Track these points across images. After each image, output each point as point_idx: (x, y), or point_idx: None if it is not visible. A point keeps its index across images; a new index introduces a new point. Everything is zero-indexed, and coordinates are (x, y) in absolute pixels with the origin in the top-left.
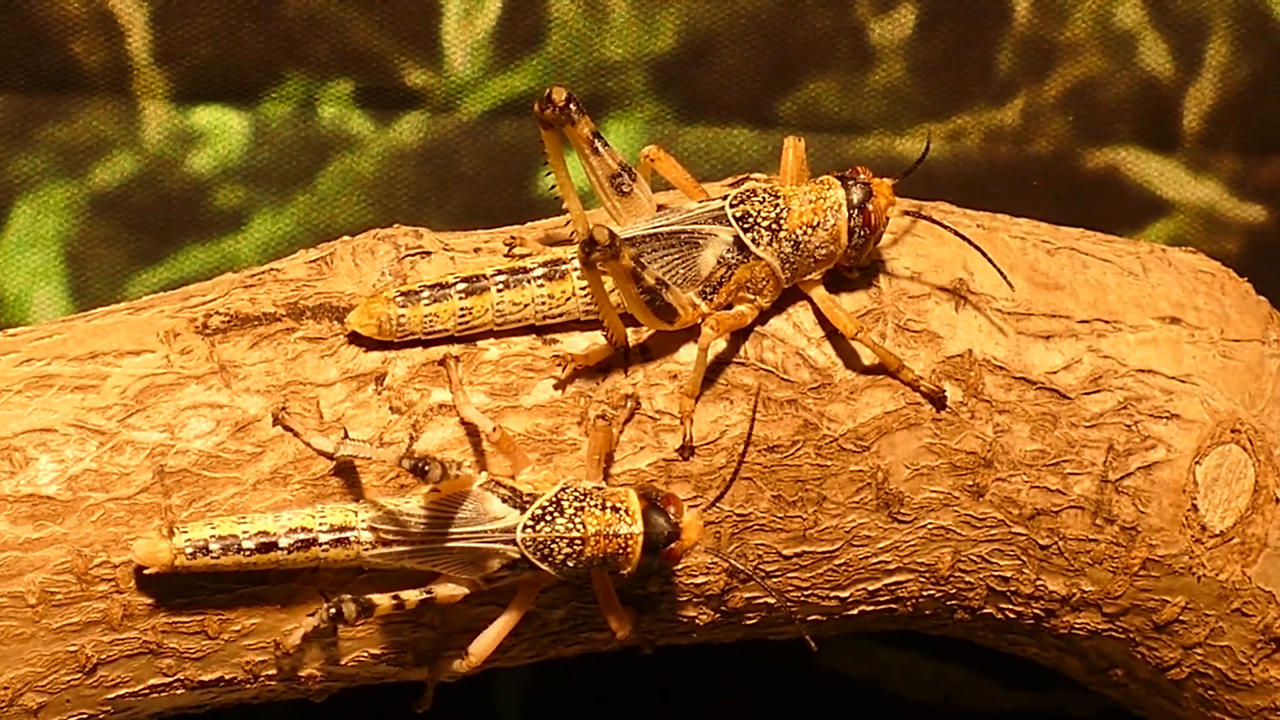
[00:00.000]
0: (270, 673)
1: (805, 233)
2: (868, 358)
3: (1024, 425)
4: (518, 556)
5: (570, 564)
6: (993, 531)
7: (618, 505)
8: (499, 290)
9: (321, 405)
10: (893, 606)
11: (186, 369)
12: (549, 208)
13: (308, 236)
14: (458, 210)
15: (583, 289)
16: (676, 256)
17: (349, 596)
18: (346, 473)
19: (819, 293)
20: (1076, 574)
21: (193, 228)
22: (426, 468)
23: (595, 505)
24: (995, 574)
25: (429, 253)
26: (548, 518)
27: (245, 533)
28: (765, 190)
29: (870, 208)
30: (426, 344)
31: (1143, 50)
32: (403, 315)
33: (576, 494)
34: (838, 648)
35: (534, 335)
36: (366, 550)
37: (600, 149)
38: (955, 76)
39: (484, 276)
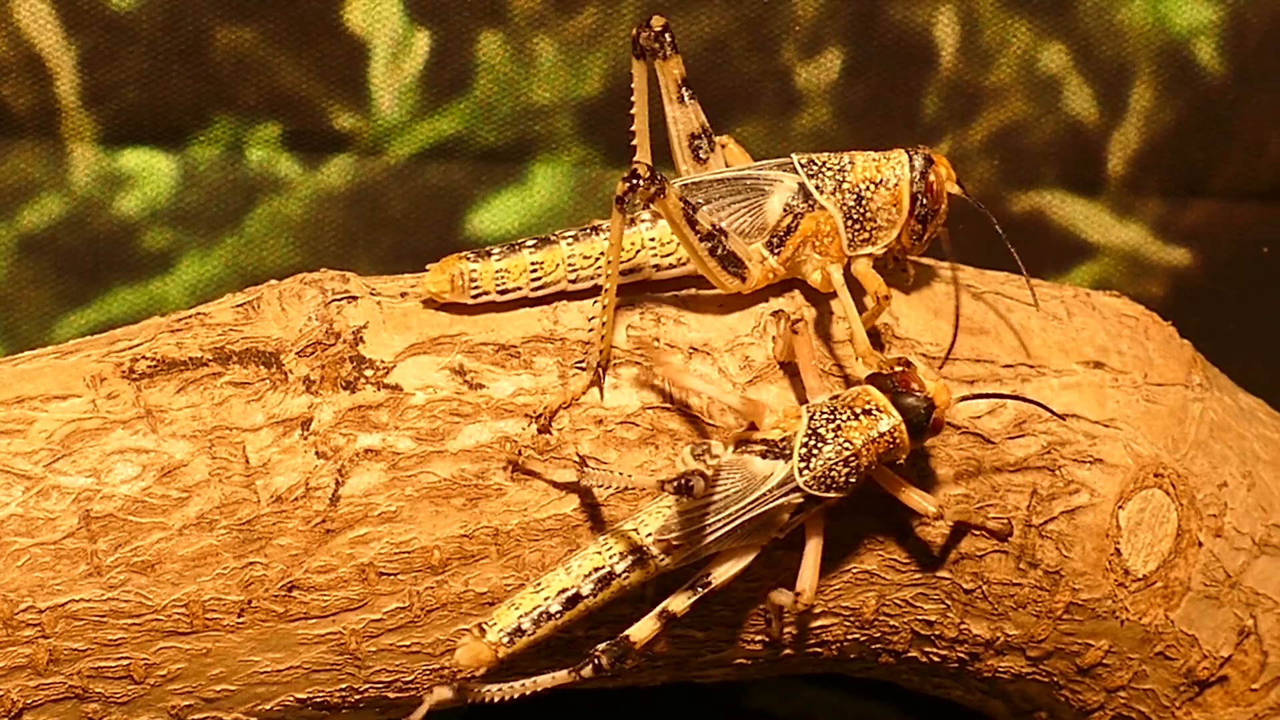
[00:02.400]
0: (197, 717)
1: (869, 189)
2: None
3: (948, 469)
4: (803, 500)
5: (853, 480)
6: (916, 576)
7: (868, 407)
8: (568, 244)
9: (247, 450)
10: (818, 650)
11: (113, 414)
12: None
13: (236, 278)
14: (386, 252)
15: (651, 240)
16: (743, 203)
17: (605, 645)
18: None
19: (860, 266)
20: (1000, 618)
21: (121, 270)
22: (691, 483)
23: (848, 418)
24: (919, 618)
25: (355, 297)
26: (815, 451)
27: (546, 598)
28: (830, 153)
29: (932, 177)
30: (502, 308)
31: (1067, 95)
32: (475, 270)
33: (825, 415)
34: (765, 688)
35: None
36: (661, 562)
37: (686, 99)
38: (881, 120)
39: (554, 234)
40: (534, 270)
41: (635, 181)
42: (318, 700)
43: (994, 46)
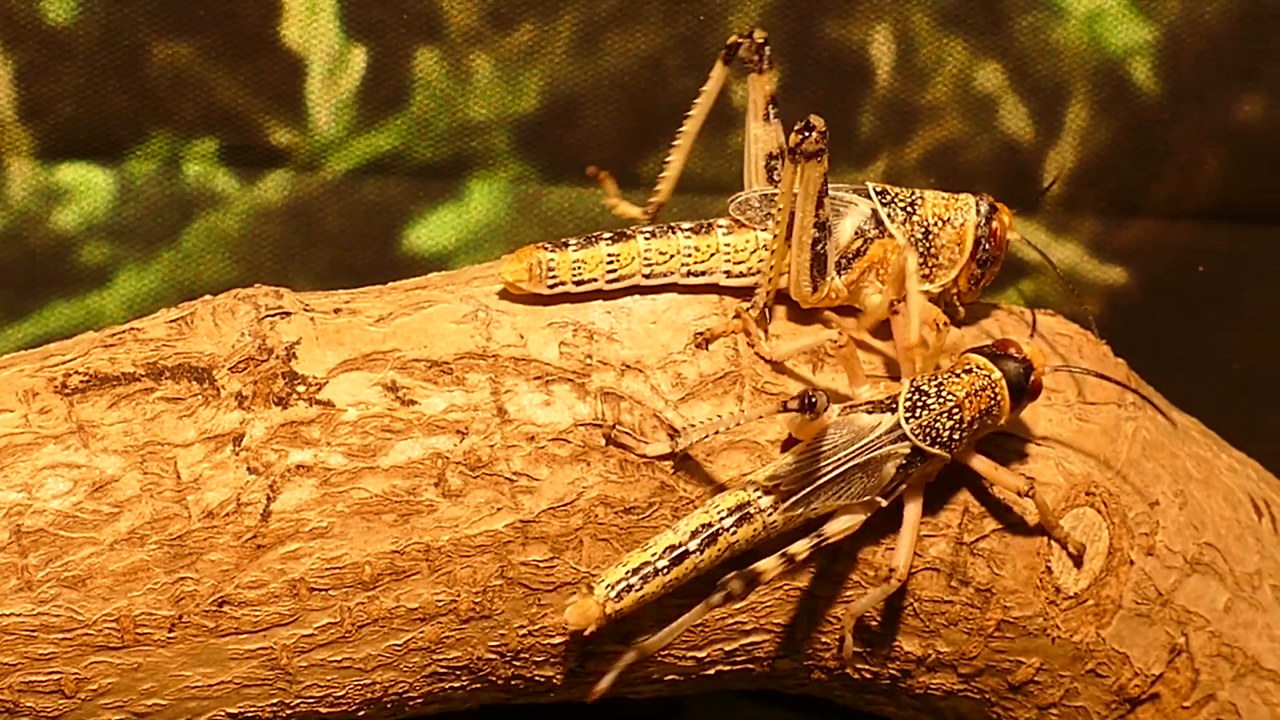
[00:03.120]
0: None
1: (936, 224)
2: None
3: None
4: (909, 451)
5: (956, 436)
6: (848, 593)
7: (968, 368)
8: (645, 239)
9: (179, 465)
10: (750, 666)
11: (45, 429)
12: (415, 266)
13: (173, 293)
14: (323, 268)
15: (727, 245)
16: None
17: (734, 574)
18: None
19: (918, 299)
20: (932, 635)
21: (58, 284)
22: (814, 399)
23: (950, 376)
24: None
25: (289, 313)
26: (920, 405)
27: (654, 555)
28: (902, 188)
29: (996, 224)
30: (576, 299)
31: (1003, 114)
32: (552, 259)
33: (929, 379)
34: (702, 703)
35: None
36: (769, 516)
37: (772, 117)
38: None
39: (631, 228)
40: (610, 262)
41: (809, 132)
42: (249, 715)
43: (930, 65)
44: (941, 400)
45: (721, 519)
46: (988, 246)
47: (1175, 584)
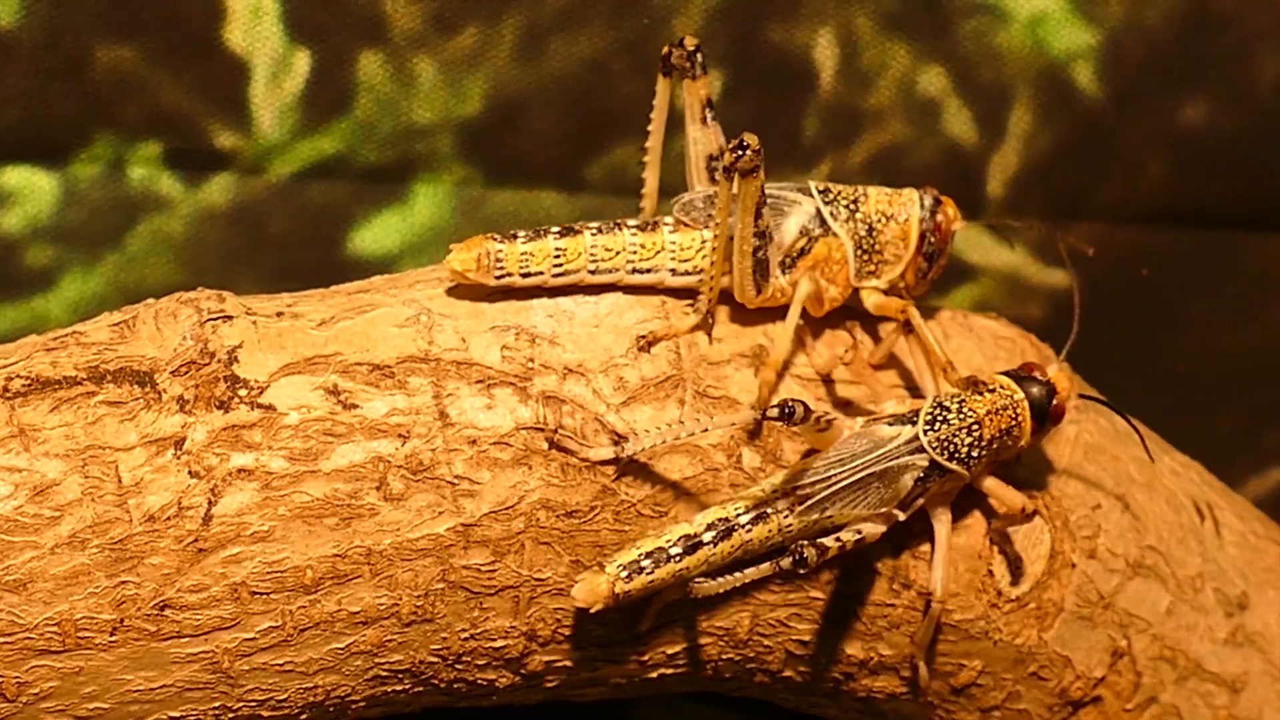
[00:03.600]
0: None
1: (880, 220)
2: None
3: None
4: (927, 464)
5: (974, 454)
6: (791, 596)
7: (992, 387)
8: (592, 235)
9: (120, 469)
10: (693, 669)
11: None
12: (360, 269)
13: (118, 296)
14: (268, 271)
15: (672, 243)
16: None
17: (806, 542)
18: None
19: (874, 299)
20: (874, 638)
21: (2, 287)
22: (792, 408)
23: (972, 394)
24: (793, 638)
25: (231, 316)
26: (940, 419)
27: (669, 541)
28: (844, 185)
29: (940, 217)
30: (520, 294)
31: (947, 118)
32: (500, 250)
33: (951, 396)
34: (648, 704)
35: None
36: (785, 519)
37: (709, 120)
38: (761, 142)
39: (579, 224)
40: (557, 256)
41: (743, 150)
42: (191, 718)
43: (873, 69)
44: (961, 416)
45: (739, 515)
46: (933, 240)
47: (1117, 587)
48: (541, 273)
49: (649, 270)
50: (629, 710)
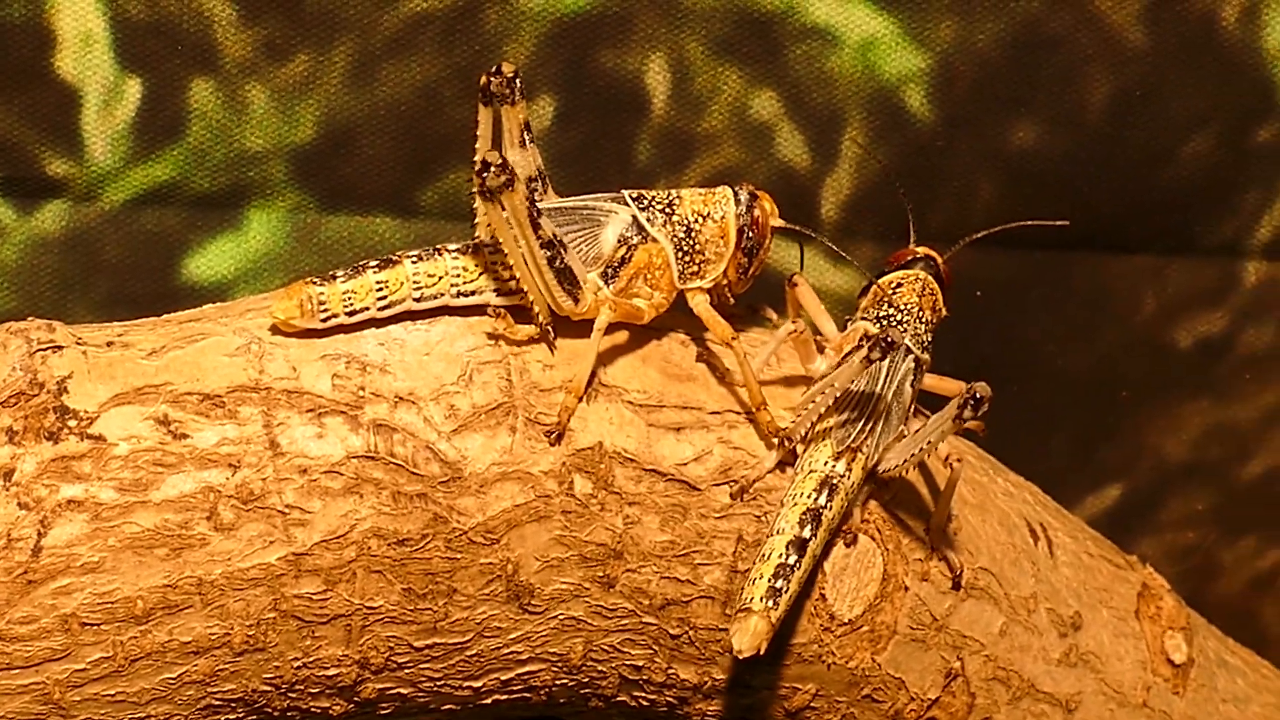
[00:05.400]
0: None
1: (697, 221)
2: (735, 370)
3: (654, 517)
4: (914, 364)
5: (929, 337)
6: (624, 621)
7: (899, 281)
8: (413, 263)
9: None
10: (527, 695)
11: None
12: (195, 295)
13: None
14: (102, 298)
15: (494, 263)
16: (580, 233)
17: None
18: None
19: (700, 301)
20: (708, 662)
21: None
22: (890, 339)
23: (898, 292)
24: (627, 663)
25: (61, 346)
26: (898, 323)
27: (780, 555)
28: (658, 190)
29: (757, 211)
30: (349, 329)
31: (779, 141)
32: (322, 293)
33: (878, 307)
34: None
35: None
36: (846, 480)
37: (528, 143)
38: (595, 167)
39: (397, 254)
40: (379, 289)
41: (486, 170)
42: None
43: (705, 94)
44: (909, 311)
45: (815, 499)
46: (751, 235)
47: (950, 609)
48: (367, 308)
49: (474, 292)
50: None
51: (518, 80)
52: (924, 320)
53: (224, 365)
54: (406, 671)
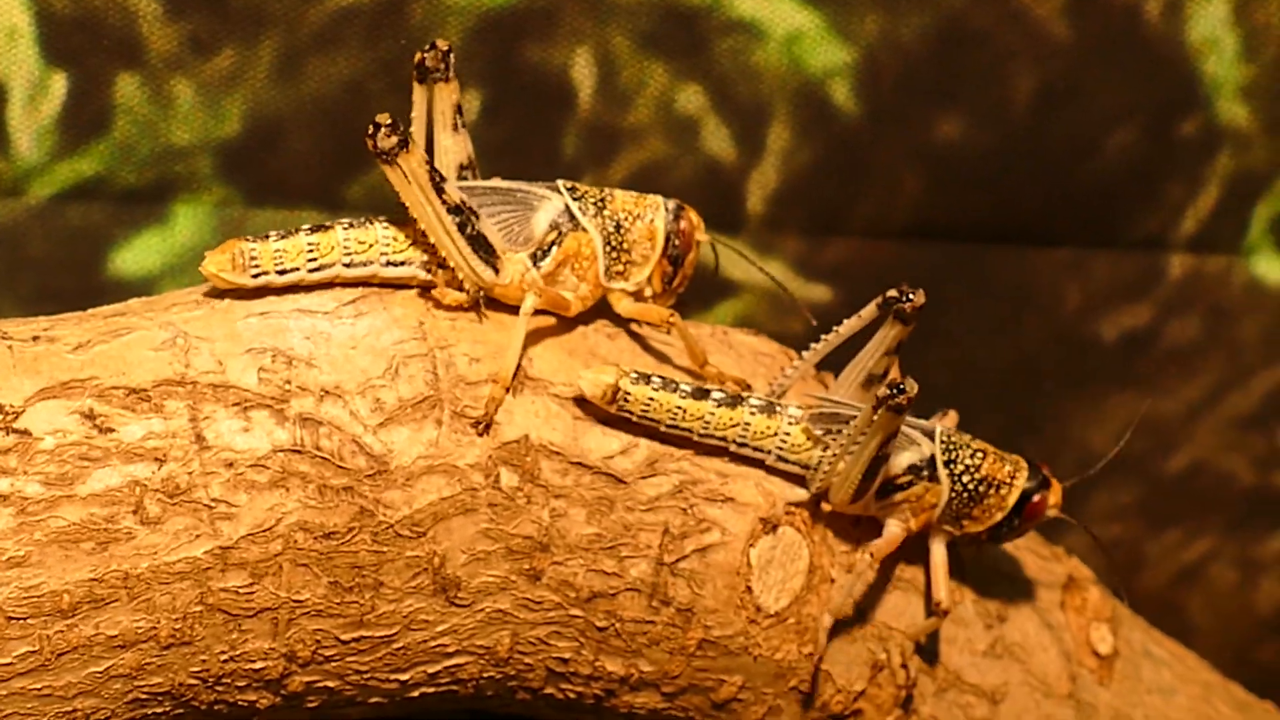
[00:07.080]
0: None
1: (627, 219)
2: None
3: (580, 510)
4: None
5: None
6: (550, 614)
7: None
8: (344, 229)
9: None
10: (454, 688)
11: None
12: (121, 290)
13: None
14: (28, 293)
15: (385, 235)
16: (512, 213)
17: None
18: None
19: (626, 304)
20: (634, 655)
21: None
22: (903, 386)
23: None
24: (554, 655)
25: None
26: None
27: (684, 382)
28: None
29: (684, 223)
30: (279, 292)
31: (705, 135)
32: (254, 249)
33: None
34: None
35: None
36: (788, 426)
37: (459, 126)
38: (521, 161)
39: (331, 221)
40: (310, 251)
41: (377, 131)
42: None
43: (632, 87)
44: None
45: (750, 399)
46: (677, 244)
47: (876, 600)
48: (298, 268)
49: (403, 262)
50: None
51: (451, 56)
52: None
53: (150, 359)
54: (334, 665)
